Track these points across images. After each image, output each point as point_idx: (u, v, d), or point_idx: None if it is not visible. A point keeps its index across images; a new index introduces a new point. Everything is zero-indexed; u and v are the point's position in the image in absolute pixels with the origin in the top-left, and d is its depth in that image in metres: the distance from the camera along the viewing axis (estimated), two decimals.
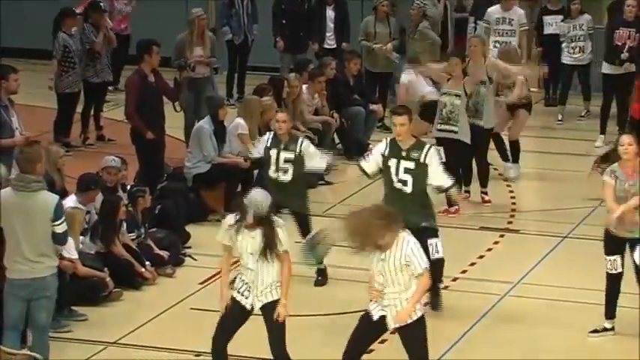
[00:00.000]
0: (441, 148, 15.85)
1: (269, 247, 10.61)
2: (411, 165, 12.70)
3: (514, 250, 15.59)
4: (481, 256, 15.14)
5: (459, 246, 15.23)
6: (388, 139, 12.97)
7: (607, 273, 12.67)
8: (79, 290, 13.45)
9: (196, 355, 11.74)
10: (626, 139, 12.68)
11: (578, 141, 19.72)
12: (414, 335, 10.63)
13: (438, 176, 12.82)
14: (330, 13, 21.07)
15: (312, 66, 19.12)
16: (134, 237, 14.59)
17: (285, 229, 10.80)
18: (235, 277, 10.95)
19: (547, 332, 13.02)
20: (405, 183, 12.73)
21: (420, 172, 12.69)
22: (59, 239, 11.29)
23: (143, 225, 14.77)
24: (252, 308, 10.79)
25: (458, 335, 12.90)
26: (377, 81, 20.69)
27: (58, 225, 11.23)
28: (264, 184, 13.25)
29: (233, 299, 10.84)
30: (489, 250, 15.49)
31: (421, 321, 10.61)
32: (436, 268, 12.71)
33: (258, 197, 10.73)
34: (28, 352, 10.12)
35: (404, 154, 12.69)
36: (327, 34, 21.08)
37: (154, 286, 14.12)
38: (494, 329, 13.24)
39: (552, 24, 21.68)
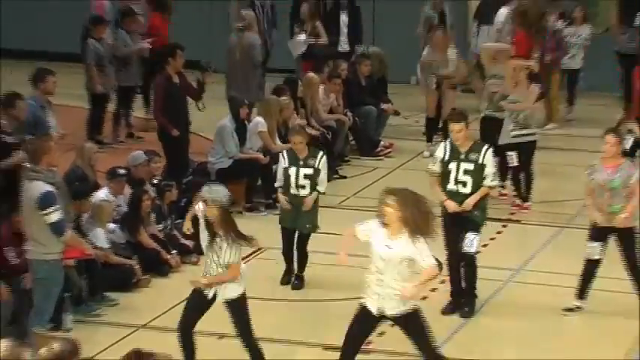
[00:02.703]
0: (514, 153, 16.27)
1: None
2: (470, 166, 12.78)
3: (516, 240, 15.66)
4: (485, 245, 15.08)
5: None
6: (446, 143, 12.97)
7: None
8: (111, 277, 13.62)
9: (219, 338, 11.83)
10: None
11: (574, 137, 19.71)
12: (413, 325, 10.54)
13: (491, 177, 12.92)
14: (344, 18, 21.00)
15: (327, 68, 19.14)
16: (161, 228, 14.70)
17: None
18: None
19: (549, 316, 13.08)
20: (464, 184, 12.77)
21: (477, 173, 12.78)
22: (53, 228, 11.40)
23: (170, 217, 14.86)
24: (214, 297, 10.95)
25: (464, 320, 12.99)
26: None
27: (47, 215, 11.33)
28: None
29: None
30: (492, 239, 15.44)
31: (416, 312, 10.50)
32: (468, 270, 13.04)
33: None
34: (65, 336, 10.18)
35: (462, 156, 12.71)
36: (341, 38, 20.97)
37: (180, 273, 14.20)
38: (498, 314, 13.28)
39: None
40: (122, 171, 14.52)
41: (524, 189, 16.61)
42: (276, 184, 14.05)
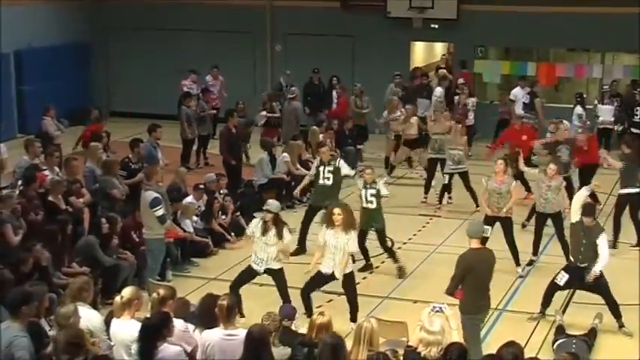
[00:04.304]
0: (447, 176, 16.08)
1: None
2: (331, 168, 13.31)
3: (438, 228, 15.54)
4: (419, 230, 15.18)
5: (404, 224, 15.21)
6: (318, 158, 13.49)
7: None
8: (194, 249, 13.66)
9: (260, 285, 11.73)
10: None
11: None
12: (348, 282, 10.88)
13: (346, 170, 13.55)
14: (335, 94, 20.99)
15: (325, 123, 19.10)
16: (224, 218, 14.70)
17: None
18: None
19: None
20: (328, 179, 13.30)
21: (336, 172, 13.29)
22: (159, 220, 11.52)
23: (230, 213, 14.89)
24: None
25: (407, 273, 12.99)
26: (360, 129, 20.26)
27: (155, 211, 11.46)
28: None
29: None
30: (424, 227, 15.50)
31: (352, 274, 10.90)
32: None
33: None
34: (167, 284, 10.26)
35: (326, 163, 13.32)
36: (333, 105, 20.91)
37: (236, 247, 14.21)
38: (428, 269, 13.33)
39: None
40: (201, 185, 14.54)
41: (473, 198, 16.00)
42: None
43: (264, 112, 19.48)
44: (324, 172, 13.63)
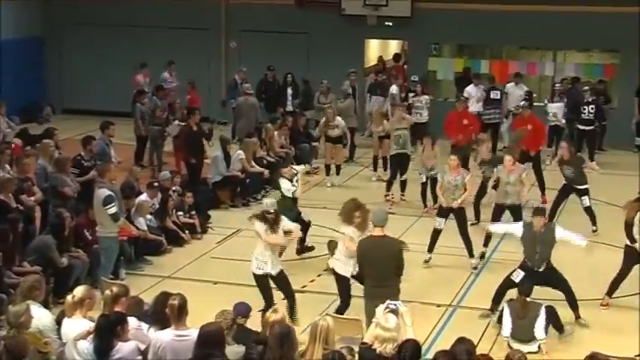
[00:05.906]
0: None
1: None
2: (295, 181, 12.98)
3: (392, 225, 15.40)
4: None
5: None
6: (286, 180, 12.97)
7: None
8: (148, 247, 13.53)
9: (214, 283, 11.68)
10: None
11: None
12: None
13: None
14: (289, 91, 20.91)
15: (280, 120, 19.05)
16: (181, 214, 14.58)
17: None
18: None
19: (415, 264, 12.82)
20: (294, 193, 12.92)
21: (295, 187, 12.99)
22: (113, 217, 11.42)
23: (187, 209, 14.77)
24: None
25: None
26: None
27: (108, 209, 11.34)
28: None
29: None
30: None
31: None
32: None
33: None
34: (120, 282, 10.16)
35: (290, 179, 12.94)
36: (288, 103, 20.87)
37: (190, 244, 14.13)
38: None
39: None
40: (155, 183, 14.46)
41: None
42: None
43: (177, 122, 18.32)
44: (294, 187, 13.18)
